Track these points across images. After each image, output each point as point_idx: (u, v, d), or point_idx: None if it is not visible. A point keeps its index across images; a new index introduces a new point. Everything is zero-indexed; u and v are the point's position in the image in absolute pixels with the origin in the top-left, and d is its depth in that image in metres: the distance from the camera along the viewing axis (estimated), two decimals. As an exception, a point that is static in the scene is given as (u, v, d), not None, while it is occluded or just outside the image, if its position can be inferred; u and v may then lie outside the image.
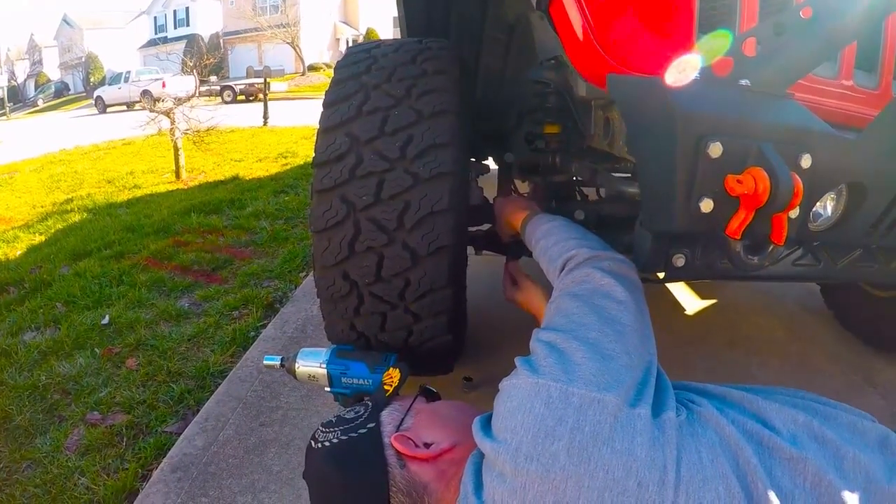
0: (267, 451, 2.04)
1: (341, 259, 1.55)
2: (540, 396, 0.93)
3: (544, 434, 0.88)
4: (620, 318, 1.08)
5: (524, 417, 0.91)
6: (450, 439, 1.12)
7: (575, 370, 0.96)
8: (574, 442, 0.86)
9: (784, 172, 0.99)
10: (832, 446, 0.97)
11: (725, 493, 0.85)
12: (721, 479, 0.87)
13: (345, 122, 1.57)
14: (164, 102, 8.93)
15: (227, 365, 2.75)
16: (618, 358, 0.99)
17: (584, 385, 0.92)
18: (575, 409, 0.89)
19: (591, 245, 1.31)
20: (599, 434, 0.87)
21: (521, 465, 0.87)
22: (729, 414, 1.00)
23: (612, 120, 1.53)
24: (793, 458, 0.93)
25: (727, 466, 0.89)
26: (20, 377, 2.79)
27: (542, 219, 1.55)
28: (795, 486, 0.90)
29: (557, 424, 0.88)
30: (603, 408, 0.89)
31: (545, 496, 0.85)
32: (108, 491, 1.99)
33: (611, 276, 1.17)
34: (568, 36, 1.26)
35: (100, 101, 32.11)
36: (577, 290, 1.17)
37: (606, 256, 1.25)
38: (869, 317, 2.53)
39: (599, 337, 1.03)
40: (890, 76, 1.34)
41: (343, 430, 1.17)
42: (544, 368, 0.98)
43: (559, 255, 1.32)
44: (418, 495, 1.07)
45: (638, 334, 1.08)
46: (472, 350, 2.26)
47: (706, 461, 0.89)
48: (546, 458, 0.86)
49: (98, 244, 4.90)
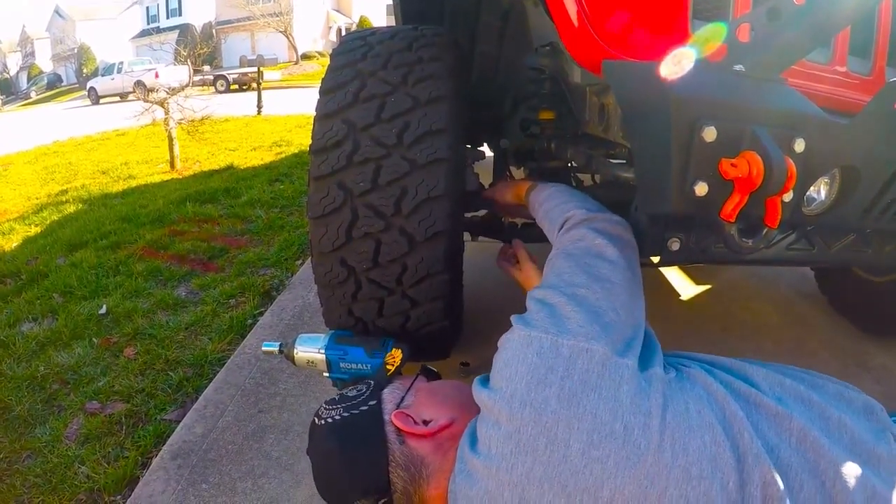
0: (266, 437, 2.05)
1: (339, 245, 1.55)
2: (532, 347, 0.99)
3: (537, 381, 0.94)
4: (610, 277, 1.13)
5: (518, 367, 0.97)
6: (447, 416, 1.15)
7: (564, 323, 1.02)
8: (564, 388, 0.92)
9: (778, 156, 1.00)
10: (818, 408, 1.01)
11: (711, 442, 0.90)
12: (707, 428, 0.91)
13: (341, 109, 1.58)
14: (157, 93, 8.89)
15: (225, 352, 2.76)
16: (605, 314, 1.04)
17: (573, 336, 0.98)
18: (565, 359, 0.95)
19: (589, 207, 1.37)
20: (587, 381, 0.93)
21: (516, 410, 0.93)
22: (716, 374, 1.06)
23: (607, 105, 1.53)
24: (778, 414, 0.97)
25: (713, 417, 0.93)
26: (19, 368, 2.79)
27: (545, 185, 1.62)
28: (781, 440, 0.94)
29: (549, 372, 0.94)
30: (591, 357, 0.95)
31: (538, 438, 0.90)
32: (108, 479, 2.00)
33: (604, 236, 1.23)
34: (563, 22, 1.26)
35: (93, 93, 31.84)
36: (571, 248, 1.23)
37: (602, 217, 1.30)
38: (863, 301, 2.54)
39: (588, 294, 1.08)
40: (883, 62, 1.35)
41: (345, 408, 1.20)
42: (536, 322, 1.04)
43: (558, 216, 1.38)
44: (416, 469, 1.10)
45: (627, 293, 1.13)
46: (469, 336, 2.27)
47: (692, 411, 0.93)
48: (538, 403, 0.92)
49: (94, 235, 4.89)
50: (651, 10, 1.18)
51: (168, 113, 8.15)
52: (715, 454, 0.88)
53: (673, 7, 1.17)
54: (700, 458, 0.87)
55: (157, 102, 8.41)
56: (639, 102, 1.11)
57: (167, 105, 8.22)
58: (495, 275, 1.78)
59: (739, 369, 1.10)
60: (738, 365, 1.12)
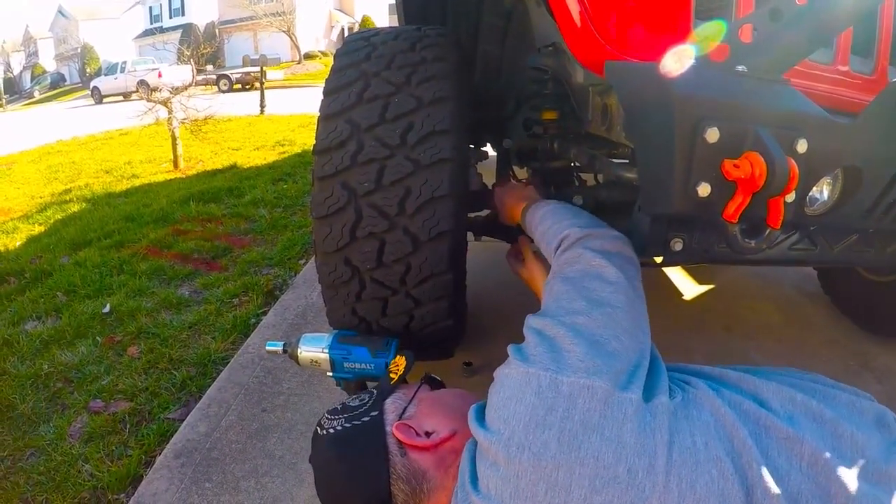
0: (269, 437, 2.06)
1: (343, 245, 1.56)
2: (531, 386, 0.94)
3: (535, 423, 0.90)
4: (611, 301, 1.09)
5: (516, 407, 0.93)
6: (450, 427, 1.13)
7: (564, 358, 0.97)
8: (564, 430, 0.88)
9: (780, 157, 1.00)
10: (830, 426, 0.97)
11: (719, 476, 0.86)
12: (714, 462, 0.88)
13: (345, 109, 1.58)
14: (160, 92, 8.90)
15: (229, 352, 2.77)
16: (607, 343, 1.00)
17: (573, 373, 0.94)
18: (565, 398, 0.91)
19: (582, 224, 1.31)
20: (589, 422, 0.88)
21: (514, 454, 0.89)
22: (724, 395, 1.01)
23: (610, 106, 1.54)
24: (789, 438, 0.93)
25: (721, 449, 0.89)
26: (22, 366, 2.80)
27: (539, 205, 1.56)
28: (791, 466, 0.90)
29: (548, 413, 0.90)
30: (592, 395, 0.91)
31: (537, 484, 0.86)
32: (112, 477, 2.01)
33: (602, 255, 1.18)
34: (565, 22, 1.26)
35: (96, 92, 31.87)
36: (569, 271, 1.18)
37: (598, 234, 1.25)
38: (865, 301, 2.54)
39: (588, 322, 1.04)
40: (885, 62, 1.35)
41: (347, 418, 1.19)
42: (534, 357, 1.00)
43: (554, 237, 1.33)
44: (417, 482, 1.08)
45: (629, 316, 1.08)
46: (472, 335, 2.27)
47: (699, 445, 0.89)
48: (537, 447, 0.88)
49: (97, 234, 4.90)
50: (654, 10, 1.18)
51: (171, 112, 8.16)
52: (723, 489, 0.86)
53: (676, 8, 1.17)
54: (707, 495, 0.85)
55: (160, 102, 8.43)
56: (641, 103, 1.12)
57: (170, 104, 8.23)
58: (498, 275, 1.79)
59: (749, 386, 1.06)
60: (748, 381, 1.07)
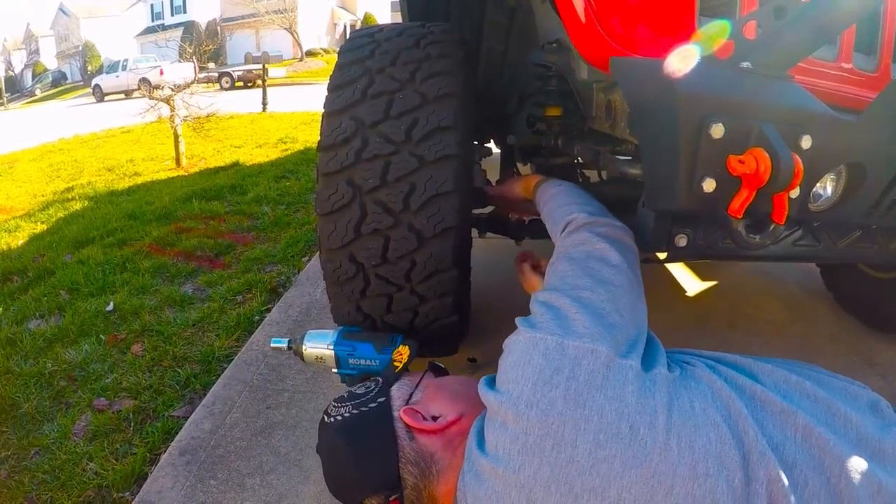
0: (274, 434, 2.06)
1: (348, 241, 1.56)
2: (538, 349, 0.99)
3: (543, 382, 0.94)
4: (613, 280, 1.14)
5: (524, 368, 0.98)
6: (456, 411, 1.16)
7: (570, 325, 1.02)
8: (570, 389, 0.92)
9: (785, 153, 1.01)
10: (823, 404, 1.01)
11: (717, 440, 0.90)
12: (712, 426, 0.92)
13: (350, 105, 1.58)
14: (162, 90, 8.91)
15: (233, 349, 2.77)
16: (609, 315, 1.05)
17: (578, 337, 0.99)
18: (570, 360, 0.96)
19: (591, 210, 1.37)
20: (593, 382, 0.93)
21: (522, 411, 0.93)
22: (721, 371, 1.06)
23: (614, 102, 1.54)
24: (784, 411, 0.97)
25: (718, 415, 0.94)
26: (26, 365, 2.81)
27: (552, 183, 1.63)
28: (786, 436, 0.94)
29: (554, 373, 0.95)
30: (596, 357, 0.95)
31: (545, 439, 0.90)
32: (116, 475, 2.02)
33: (606, 240, 1.23)
34: (570, 19, 1.27)
35: (98, 90, 31.92)
36: (574, 252, 1.23)
37: (604, 222, 1.30)
38: (868, 298, 2.54)
39: (592, 296, 1.09)
40: (889, 59, 1.35)
41: (354, 405, 1.21)
42: (541, 324, 1.05)
43: (561, 218, 1.38)
44: (426, 465, 1.11)
45: (629, 297, 1.13)
46: (476, 332, 2.28)
47: (697, 409, 0.94)
48: (545, 405, 0.92)
49: (100, 232, 4.90)
50: (659, 7, 1.18)
51: (173, 110, 8.17)
52: (720, 452, 0.89)
53: (680, 4, 1.17)
54: (706, 456, 0.88)
55: (162, 100, 8.45)
56: (646, 99, 1.12)
57: (172, 102, 8.25)
58: (502, 271, 1.79)
59: (744, 366, 1.11)
60: (743, 361, 1.12)
